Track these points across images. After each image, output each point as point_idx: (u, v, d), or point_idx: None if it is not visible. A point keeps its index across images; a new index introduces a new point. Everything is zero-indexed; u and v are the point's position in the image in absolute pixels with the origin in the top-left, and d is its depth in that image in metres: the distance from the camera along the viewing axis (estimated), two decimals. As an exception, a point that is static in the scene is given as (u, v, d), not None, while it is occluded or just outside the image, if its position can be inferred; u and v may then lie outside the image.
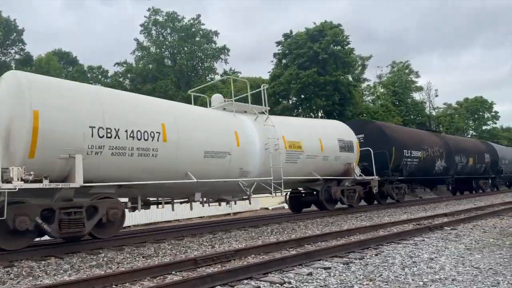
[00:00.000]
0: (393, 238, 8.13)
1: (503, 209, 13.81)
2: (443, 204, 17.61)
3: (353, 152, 14.51)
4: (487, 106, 63.77)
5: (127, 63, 50.56)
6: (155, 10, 49.71)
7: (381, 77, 52.55)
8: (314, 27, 36.99)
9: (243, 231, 9.88)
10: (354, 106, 36.79)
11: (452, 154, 21.98)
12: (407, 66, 52.99)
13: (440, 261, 6.04)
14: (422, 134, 21.06)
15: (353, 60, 40.31)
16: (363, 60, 48.54)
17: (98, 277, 5.10)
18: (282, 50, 38.07)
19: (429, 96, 57.96)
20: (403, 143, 17.80)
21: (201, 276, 4.95)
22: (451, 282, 4.89)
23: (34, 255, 6.99)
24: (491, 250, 6.90)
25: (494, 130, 63.62)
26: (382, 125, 18.25)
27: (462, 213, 13.02)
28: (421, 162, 18.92)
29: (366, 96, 48.64)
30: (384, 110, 40.42)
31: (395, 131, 18.63)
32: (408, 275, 5.26)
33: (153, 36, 50.31)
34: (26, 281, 5.46)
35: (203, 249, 7.63)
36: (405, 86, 48.72)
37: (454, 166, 22.20)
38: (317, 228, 10.45)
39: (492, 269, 5.50)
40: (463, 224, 10.30)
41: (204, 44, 50.58)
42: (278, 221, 11.93)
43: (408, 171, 17.93)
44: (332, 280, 5.05)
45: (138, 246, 8.02)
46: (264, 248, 7.09)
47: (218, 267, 5.87)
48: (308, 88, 34.54)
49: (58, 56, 51.63)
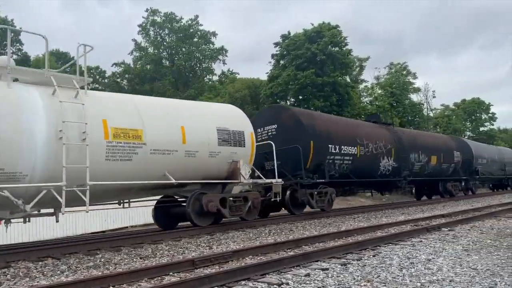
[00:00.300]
0: (390, 239, 8.14)
1: (500, 210, 13.85)
2: (440, 205, 17.65)
3: (243, 146, 10.81)
4: (484, 107, 63.99)
5: (125, 63, 50.57)
6: (153, 11, 49.74)
7: (379, 79, 52.68)
8: (312, 28, 37.04)
9: (240, 232, 9.87)
10: (352, 107, 36.84)
11: (406, 152, 18.19)
12: (404, 68, 53.14)
13: (437, 262, 6.05)
14: (362, 126, 17.13)
15: (351, 61, 40.35)
16: (361, 61, 48.64)
17: (95, 278, 5.09)
18: (280, 51, 38.10)
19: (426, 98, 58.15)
20: (328, 136, 14.11)
21: (198, 277, 4.95)
22: (449, 283, 4.89)
23: (31, 256, 6.97)
24: (489, 251, 6.91)
25: (492, 132, 63.79)
26: (298, 113, 14.21)
27: (460, 214, 13.06)
28: (358, 160, 15.20)
29: (364, 97, 48.71)
30: (382, 111, 40.48)
31: (316, 120, 14.48)
32: (406, 276, 5.27)
33: (151, 36, 50.32)
34: (23, 282, 5.43)
35: (201, 250, 7.61)
36: (403, 87, 48.79)
37: (408, 166, 18.30)
38: (315, 229, 10.45)
39: (489, 270, 5.51)
40: (460, 225, 10.33)
41: (202, 45, 50.62)
42: (276, 222, 11.92)
43: (339, 171, 14.42)
44: (330, 281, 5.05)
45: (135, 247, 8.00)
46: (261, 249, 7.09)
47: (215, 268, 5.87)
48: (306, 89, 34.56)
49: (56, 57, 51.52)
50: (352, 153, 14.91)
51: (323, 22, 37.59)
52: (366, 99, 48.99)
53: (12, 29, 15.91)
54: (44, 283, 5.23)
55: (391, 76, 51.40)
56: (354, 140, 15.19)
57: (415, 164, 18.95)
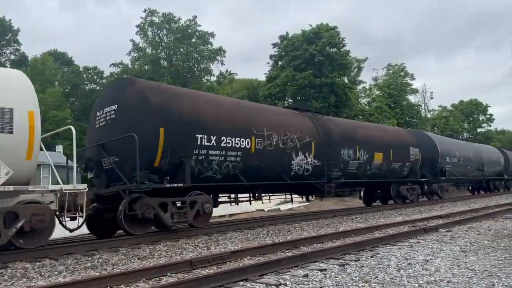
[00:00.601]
0: (388, 240, 8.15)
1: (498, 211, 13.89)
2: (438, 206, 17.68)
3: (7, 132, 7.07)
4: (482, 108, 64.24)
5: (123, 64, 50.55)
6: (151, 11, 49.73)
7: (377, 79, 52.87)
8: (310, 29, 37.15)
9: (238, 233, 9.87)
10: (350, 108, 36.94)
11: (335, 147, 13.99)
12: (402, 69, 53.35)
13: (435, 263, 6.06)
14: (263, 111, 12.67)
15: (349, 62, 40.48)
16: (359, 62, 48.79)
17: (93, 278, 5.08)
18: (279, 52, 38.18)
19: (424, 99, 58.38)
20: (196, 121, 9.92)
21: (196, 278, 4.95)
22: (446, 284, 4.90)
23: (28, 256, 6.95)
24: (486, 252, 6.93)
25: (489, 133, 64.04)
26: (145, 87, 9.80)
27: (457, 215, 13.08)
28: (252, 157, 11.06)
29: (362, 98, 48.85)
30: (379, 111, 40.60)
31: (176, 98, 10.09)
32: (404, 277, 5.27)
33: (149, 37, 50.30)
34: (21, 283, 5.42)
35: (199, 250, 7.61)
36: (401, 88, 48.96)
37: (338, 165, 14.15)
38: (313, 230, 10.46)
39: (487, 271, 5.53)
40: (458, 226, 10.35)
41: (200, 45, 50.63)
42: (274, 222, 11.93)
43: (222, 172, 10.40)
44: (328, 282, 5.06)
45: (133, 248, 7.98)
46: (259, 250, 7.09)
47: (213, 268, 5.86)
48: (304, 90, 34.66)
49: (54, 57, 51.53)
50: (242, 146, 10.75)
51: (321, 23, 37.70)
52: (364, 100, 49.14)
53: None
54: (42, 284, 5.22)
55: (389, 77, 51.60)
56: (246, 129, 10.98)
57: (350, 163, 14.80)
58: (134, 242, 8.41)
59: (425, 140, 20.62)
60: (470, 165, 24.61)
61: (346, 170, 14.65)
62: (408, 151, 18.28)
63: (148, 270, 5.53)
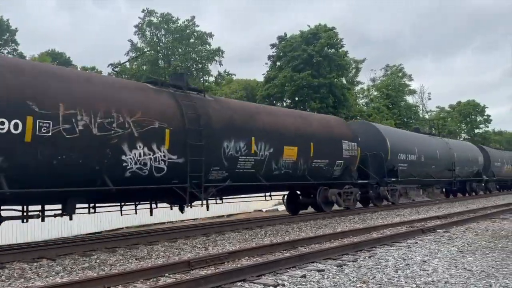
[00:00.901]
0: (386, 240, 8.17)
1: (495, 212, 13.93)
2: (435, 207, 17.71)
3: None
4: (479, 109, 64.38)
5: (121, 64, 50.43)
6: (149, 11, 49.69)
7: (375, 80, 52.96)
8: (308, 30, 37.17)
9: (236, 233, 9.87)
10: (348, 108, 36.97)
11: (213, 137, 10.04)
12: (400, 70, 53.45)
13: (433, 264, 6.08)
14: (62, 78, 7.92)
15: (347, 63, 40.52)
16: (357, 63, 48.86)
17: (90, 279, 5.08)
18: (277, 52, 38.19)
19: (422, 100, 58.50)
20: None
21: (194, 278, 4.95)
22: (444, 284, 4.91)
23: (26, 257, 6.93)
24: (484, 252, 6.95)
25: (486, 134, 64.18)
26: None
27: (455, 215, 13.11)
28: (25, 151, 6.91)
29: (360, 99, 48.93)
30: (377, 112, 40.65)
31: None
32: (401, 277, 5.28)
33: (147, 37, 50.26)
34: (18, 283, 5.41)
35: (197, 251, 7.61)
36: (398, 89, 49.05)
37: (218, 162, 10.21)
38: (311, 230, 10.46)
39: (484, 271, 5.54)
40: (455, 227, 10.38)
41: (198, 46, 50.62)
42: (272, 223, 11.92)
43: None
44: (326, 282, 5.06)
45: (131, 248, 7.98)
46: (257, 250, 7.09)
47: (211, 269, 5.86)
48: (302, 91, 34.65)
49: (52, 57, 51.37)
50: (3, 132, 6.67)
51: (320, 24, 37.75)
52: (362, 100, 49.22)
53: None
54: (39, 284, 5.21)
55: (387, 78, 51.70)
56: (16, 104, 6.89)
57: (240, 160, 10.76)
58: (132, 243, 8.40)
59: (370, 134, 16.94)
60: (435, 164, 20.77)
61: (234, 169, 10.65)
62: (341, 145, 14.35)
63: (145, 271, 5.53)
